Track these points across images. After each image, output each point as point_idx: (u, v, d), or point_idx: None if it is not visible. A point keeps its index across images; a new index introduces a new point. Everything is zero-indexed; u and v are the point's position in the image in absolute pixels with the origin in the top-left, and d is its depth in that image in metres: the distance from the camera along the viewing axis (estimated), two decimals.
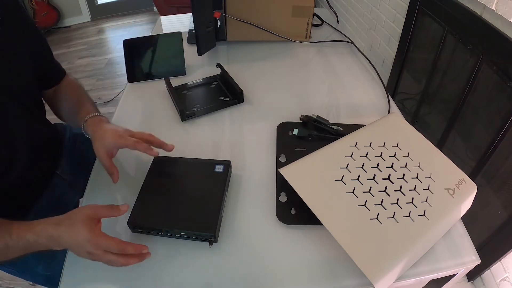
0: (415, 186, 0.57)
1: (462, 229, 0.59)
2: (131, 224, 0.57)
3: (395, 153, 0.62)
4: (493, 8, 1.00)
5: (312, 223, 0.55)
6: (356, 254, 0.49)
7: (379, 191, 0.56)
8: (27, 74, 0.66)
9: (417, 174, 0.59)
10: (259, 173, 0.68)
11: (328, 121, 0.76)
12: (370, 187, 0.56)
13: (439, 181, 0.58)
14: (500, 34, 1.02)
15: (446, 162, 0.62)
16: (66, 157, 0.82)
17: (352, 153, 0.61)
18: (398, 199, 0.55)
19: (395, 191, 0.56)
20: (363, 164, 0.59)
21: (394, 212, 0.53)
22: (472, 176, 1.17)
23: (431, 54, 1.45)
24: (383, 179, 0.58)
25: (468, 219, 0.61)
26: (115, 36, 3.38)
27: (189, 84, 0.92)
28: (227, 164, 0.66)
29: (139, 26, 3.48)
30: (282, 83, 0.95)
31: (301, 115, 0.78)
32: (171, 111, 0.86)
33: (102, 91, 2.55)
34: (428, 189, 0.57)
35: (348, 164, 0.59)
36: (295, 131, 0.74)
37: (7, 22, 0.60)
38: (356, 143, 0.63)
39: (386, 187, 0.56)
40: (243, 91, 0.85)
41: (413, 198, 0.55)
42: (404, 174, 0.59)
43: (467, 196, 0.58)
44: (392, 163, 0.60)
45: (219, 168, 0.65)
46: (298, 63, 1.04)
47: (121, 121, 0.84)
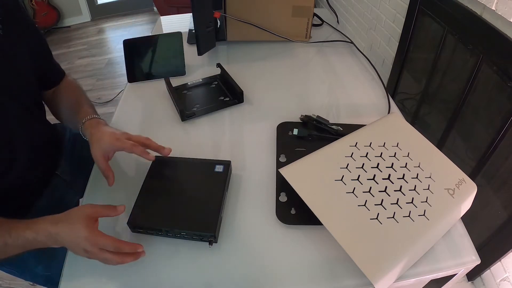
0: (415, 186, 0.57)
1: (462, 229, 0.59)
2: (131, 224, 0.57)
3: (395, 153, 0.62)
4: (493, 8, 1.00)
5: (312, 223, 0.55)
6: (356, 254, 0.49)
7: (379, 191, 0.56)
8: (27, 74, 0.66)
9: (417, 174, 0.59)
10: (259, 173, 0.68)
11: (328, 121, 0.76)
12: (370, 187, 0.56)
13: (439, 181, 0.58)
14: (500, 34, 1.02)
15: (446, 162, 0.62)
16: (66, 157, 0.82)
17: (352, 153, 0.61)
18: (398, 199, 0.55)
19: (395, 191, 0.56)
20: (363, 164, 0.59)
21: (394, 212, 0.53)
22: (472, 176, 1.17)
23: (431, 54, 1.45)
24: (383, 179, 0.58)
25: (468, 219, 0.61)
26: (115, 36, 3.38)
27: (189, 84, 0.92)
28: (227, 164, 0.66)
29: (139, 26, 3.48)
30: (282, 83, 0.95)
31: (301, 115, 0.78)
32: (171, 111, 0.86)
33: (102, 91, 2.55)
34: (428, 189, 0.57)
35: (348, 164, 0.59)
36: (295, 131, 0.74)
37: (7, 22, 0.60)
38: (356, 143, 0.63)
39: (386, 187, 0.56)
40: (243, 91, 0.85)
41: (413, 198, 0.55)
42: (404, 174, 0.59)
43: (467, 196, 0.58)
44: (392, 163, 0.60)
45: (219, 168, 0.65)
46: (298, 63, 1.04)
47: (121, 121, 0.84)
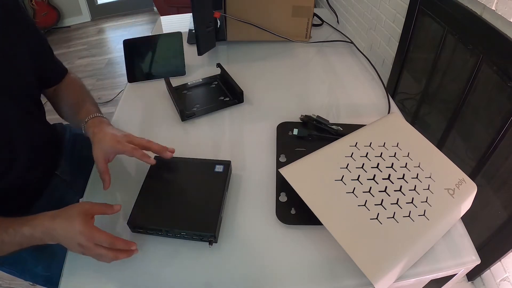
0: (415, 186, 0.57)
1: (462, 229, 0.59)
2: (131, 224, 0.57)
3: (395, 153, 0.62)
4: (493, 8, 1.00)
5: (312, 223, 0.55)
6: (356, 254, 0.49)
7: (379, 191, 0.56)
8: (27, 74, 0.66)
9: (417, 174, 0.59)
10: (259, 173, 0.68)
11: (328, 121, 0.76)
12: (370, 187, 0.56)
13: (439, 181, 0.58)
14: (500, 34, 1.02)
15: (446, 162, 0.62)
16: (66, 158, 0.82)
17: (352, 153, 0.61)
18: (398, 199, 0.55)
19: (395, 191, 0.56)
20: (363, 164, 0.59)
21: (394, 212, 0.53)
22: (472, 176, 1.17)
23: (431, 54, 1.45)
24: (383, 179, 0.58)
25: (468, 219, 0.61)
26: (115, 36, 3.37)
27: (189, 84, 0.92)
28: (227, 164, 0.66)
29: (139, 26, 3.48)
30: (282, 83, 0.95)
31: (301, 115, 0.78)
32: (171, 111, 0.86)
33: (102, 91, 2.55)
34: (428, 189, 0.57)
35: (348, 164, 0.59)
36: (295, 131, 0.74)
37: (7, 22, 0.60)
38: (356, 143, 0.63)
39: (386, 187, 0.56)
40: (243, 91, 0.85)
41: (413, 198, 0.55)
42: (404, 174, 0.59)
43: (467, 196, 0.58)
44: (392, 163, 0.60)
45: (219, 168, 0.65)
46: (298, 63, 1.04)
47: (121, 121, 0.84)
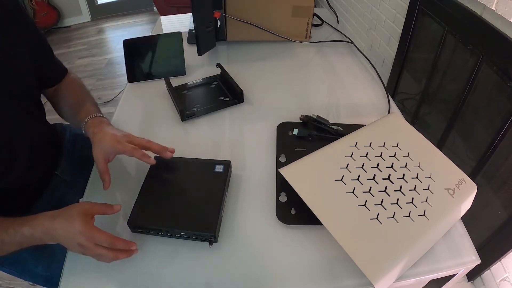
0: (415, 186, 0.57)
1: (462, 229, 0.59)
2: (131, 224, 0.57)
3: (395, 153, 0.62)
4: (493, 8, 1.00)
5: (312, 223, 0.55)
6: (356, 254, 0.49)
7: (379, 191, 0.56)
8: (27, 74, 0.66)
9: (417, 174, 0.59)
10: (259, 173, 0.68)
11: (328, 121, 0.76)
12: (370, 187, 0.56)
13: (439, 181, 0.58)
14: (500, 34, 1.02)
15: (446, 162, 0.62)
16: (66, 158, 0.82)
17: (352, 153, 0.61)
18: (398, 199, 0.55)
19: (395, 191, 0.56)
20: (363, 164, 0.59)
21: (394, 212, 0.53)
22: (472, 176, 1.17)
23: (431, 54, 1.45)
24: (383, 179, 0.58)
25: (468, 219, 0.61)
26: (115, 36, 3.37)
27: (189, 84, 0.92)
28: (227, 164, 0.66)
29: (139, 26, 3.48)
30: (282, 83, 0.95)
31: (301, 115, 0.78)
32: (171, 111, 0.86)
33: (102, 91, 2.55)
34: (428, 189, 0.57)
35: (348, 164, 0.59)
36: (295, 131, 0.74)
37: (7, 22, 0.60)
38: (356, 143, 0.63)
39: (386, 187, 0.56)
40: (243, 91, 0.85)
41: (413, 198, 0.55)
42: (404, 174, 0.58)
43: (467, 196, 0.58)
44: (392, 163, 0.60)
45: (219, 168, 0.65)
46: (298, 63, 1.04)
47: (121, 121, 0.84)
